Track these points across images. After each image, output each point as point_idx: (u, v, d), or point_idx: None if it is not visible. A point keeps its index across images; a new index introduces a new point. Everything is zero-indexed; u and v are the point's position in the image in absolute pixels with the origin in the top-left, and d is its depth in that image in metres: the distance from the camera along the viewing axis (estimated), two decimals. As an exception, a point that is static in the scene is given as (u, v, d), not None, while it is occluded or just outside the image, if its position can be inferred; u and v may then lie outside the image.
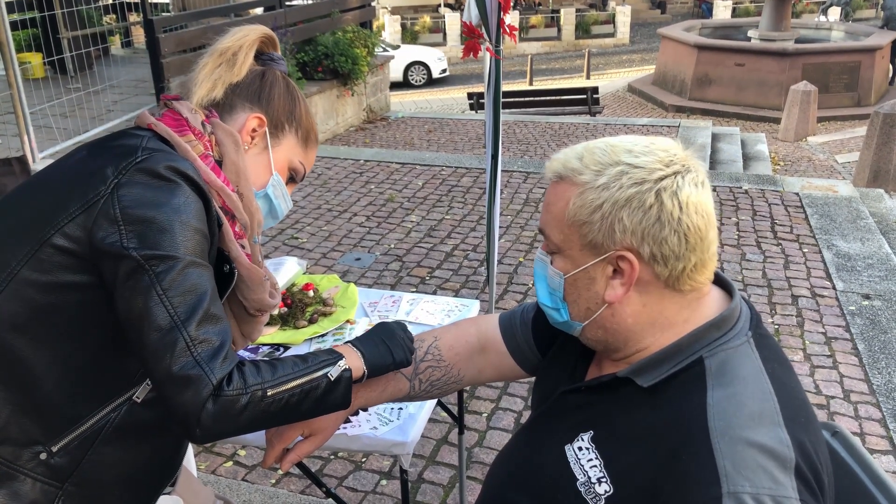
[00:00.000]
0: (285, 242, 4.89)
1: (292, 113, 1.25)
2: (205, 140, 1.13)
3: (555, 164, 1.05)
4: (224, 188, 1.11)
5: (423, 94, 17.15)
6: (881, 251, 4.58)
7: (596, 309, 1.03)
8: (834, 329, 3.71)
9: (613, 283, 1.01)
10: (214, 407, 0.95)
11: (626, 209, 0.97)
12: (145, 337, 0.96)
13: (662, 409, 0.98)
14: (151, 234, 0.98)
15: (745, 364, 0.98)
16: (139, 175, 1.01)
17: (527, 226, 5.11)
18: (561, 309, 1.06)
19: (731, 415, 0.92)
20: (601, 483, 0.98)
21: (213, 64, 1.20)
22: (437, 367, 1.31)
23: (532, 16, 23.06)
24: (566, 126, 9.43)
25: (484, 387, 3.26)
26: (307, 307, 1.99)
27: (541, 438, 1.13)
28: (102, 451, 1.08)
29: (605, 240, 0.99)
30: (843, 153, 9.39)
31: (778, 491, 0.86)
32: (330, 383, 1.08)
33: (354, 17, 9.96)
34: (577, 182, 1.01)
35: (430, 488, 2.67)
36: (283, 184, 1.26)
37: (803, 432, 0.93)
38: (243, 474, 2.75)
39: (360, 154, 7.00)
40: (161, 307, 0.96)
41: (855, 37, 13.22)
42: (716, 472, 0.87)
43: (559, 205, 1.02)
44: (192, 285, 0.98)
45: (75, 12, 7.43)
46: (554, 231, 1.04)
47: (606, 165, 1.00)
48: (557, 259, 1.04)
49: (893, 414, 3.02)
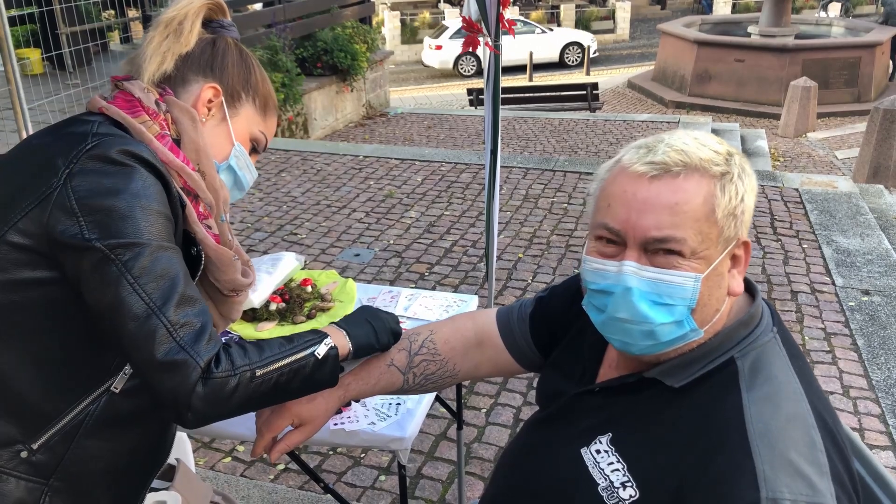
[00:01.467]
0: (284, 238, 4.88)
1: (248, 81, 1.20)
2: (160, 119, 1.10)
3: (674, 154, 0.94)
4: (184, 168, 1.08)
5: (422, 90, 17.13)
6: (881, 247, 4.58)
7: (721, 307, 0.98)
8: (833, 325, 3.71)
9: (734, 274, 0.99)
10: (205, 390, 0.94)
11: (752, 195, 0.98)
12: (121, 328, 0.94)
13: (695, 409, 0.96)
14: (113, 223, 0.94)
15: (776, 363, 0.97)
16: (92, 162, 0.97)
17: (526, 221, 5.10)
18: (684, 320, 0.95)
19: (769, 417, 0.90)
20: (625, 487, 0.95)
21: (160, 36, 1.14)
22: (432, 360, 1.30)
23: (532, 11, 23.02)
24: (566, 122, 9.42)
25: (483, 382, 3.26)
26: (305, 303, 1.98)
27: (553, 442, 1.10)
28: (85, 444, 1.06)
29: (737, 231, 0.96)
30: (843, 149, 9.38)
31: (816, 498, 0.84)
32: (317, 361, 1.07)
33: (353, 13, 9.94)
34: (713, 173, 0.94)
35: (428, 484, 2.67)
36: (247, 154, 1.22)
37: (834, 435, 0.92)
38: (242, 470, 2.75)
39: (360, 150, 6.99)
40: (134, 295, 0.94)
41: (855, 33, 13.20)
42: (754, 475, 0.86)
43: (695, 201, 0.92)
44: (163, 269, 0.96)
45: (74, 8, 7.41)
46: (690, 232, 0.92)
47: (726, 154, 0.97)
48: (685, 262, 0.93)
49: (892, 409, 3.02)
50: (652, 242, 0.93)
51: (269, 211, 5.38)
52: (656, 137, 1.00)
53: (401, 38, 21.55)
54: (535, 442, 1.16)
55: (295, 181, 6.04)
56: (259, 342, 1.05)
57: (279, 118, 7.80)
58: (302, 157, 6.67)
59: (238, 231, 4.98)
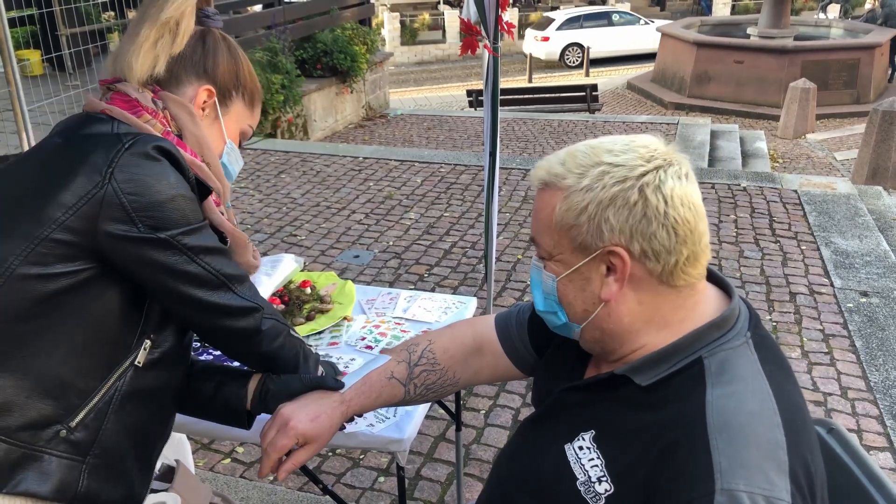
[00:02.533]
0: (284, 240, 4.89)
1: (237, 77, 1.24)
2: (160, 117, 1.13)
3: (539, 171, 1.06)
4: (195, 161, 1.13)
5: (422, 92, 17.14)
6: (879, 248, 4.58)
7: (593, 309, 1.04)
8: (832, 326, 3.72)
9: (608, 281, 1.02)
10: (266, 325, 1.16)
11: (612, 208, 0.98)
12: (193, 295, 1.09)
13: (661, 408, 0.98)
14: (164, 215, 1.03)
15: (744, 365, 0.98)
16: (133, 159, 1.03)
17: (525, 223, 5.11)
18: (558, 312, 1.07)
19: (731, 412, 0.92)
20: (601, 482, 0.98)
21: (156, 35, 1.12)
22: (432, 370, 1.31)
23: (531, 13, 23.02)
24: (565, 123, 9.43)
25: (482, 384, 3.27)
26: (304, 304, 1.99)
27: (541, 438, 1.13)
28: (116, 418, 1.11)
29: (594, 240, 1.00)
30: (842, 150, 9.39)
31: (772, 492, 0.86)
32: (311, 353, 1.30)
33: (353, 14, 9.95)
34: (561, 186, 1.02)
35: (427, 485, 2.67)
36: (236, 149, 1.28)
37: (800, 436, 0.93)
38: (241, 471, 2.75)
39: (359, 151, 7.00)
40: (203, 270, 1.08)
41: (854, 34, 13.21)
42: (710, 468, 0.87)
43: (546, 211, 1.03)
44: (212, 245, 1.10)
45: (73, 9, 7.42)
46: (544, 237, 1.05)
47: (588, 167, 1.01)
48: (550, 264, 1.06)
49: (890, 411, 3.03)
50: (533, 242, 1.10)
51: (268, 212, 5.38)
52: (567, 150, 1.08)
53: (400, 39, 21.56)
54: (526, 441, 1.19)
55: (294, 182, 6.05)
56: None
57: (279, 118, 7.82)
58: (301, 159, 6.68)
59: (238, 232, 4.99)
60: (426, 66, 21.13)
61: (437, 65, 21.14)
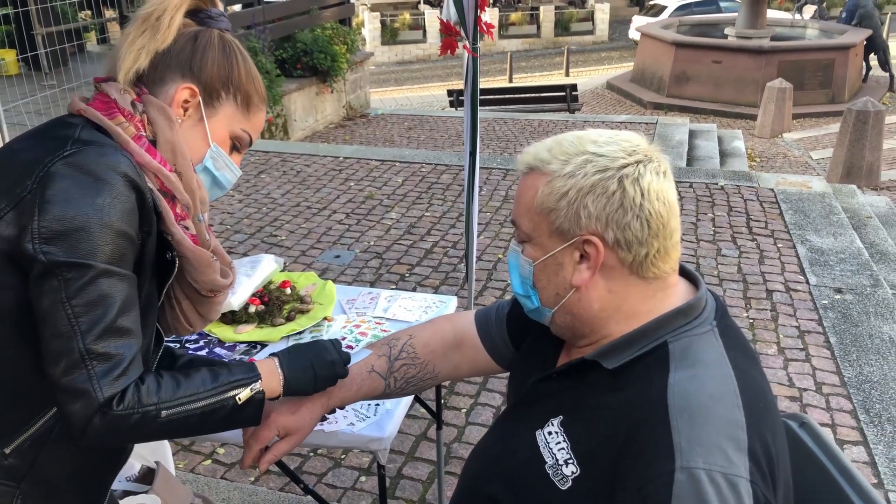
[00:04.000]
0: (264, 240, 4.87)
1: (228, 78, 1.15)
2: (136, 121, 1.08)
3: (526, 156, 1.10)
4: (161, 169, 1.06)
5: (403, 91, 17.13)
6: (853, 246, 4.66)
7: (564, 294, 1.07)
8: (807, 323, 3.78)
9: (580, 268, 1.05)
10: (102, 423, 0.95)
11: (591, 195, 1.02)
12: (45, 339, 0.96)
13: (625, 390, 1.01)
14: (67, 237, 0.94)
15: (709, 350, 1.02)
16: (66, 168, 0.97)
17: (506, 223, 5.13)
18: (532, 296, 1.10)
19: (691, 394, 0.95)
20: (568, 464, 1.01)
21: (137, 31, 1.10)
22: (412, 364, 1.33)
23: (512, 13, 23.08)
24: (545, 123, 9.47)
25: (463, 383, 3.28)
26: (284, 305, 1.99)
27: (514, 428, 1.15)
28: (55, 448, 1.07)
29: (571, 226, 1.03)
30: (818, 149, 9.51)
31: (731, 469, 0.88)
32: (236, 405, 1.07)
33: (333, 14, 9.93)
34: (545, 172, 1.05)
35: (409, 484, 2.68)
36: (225, 154, 1.17)
37: (761, 418, 0.96)
38: (222, 472, 2.75)
39: (340, 151, 6.99)
40: (63, 314, 0.94)
41: (829, 35, 13.38)
42: (671, 447, 0.90)
43: (529, 194, 1.07)
44: (99, 296, 0.96)
45: (49, 8, 7.34)
46: (524, 220, 1.08)
47: (573, 155, 1.04)
48: (528, 247, 1.08)
49: (863, 406, 3.08)
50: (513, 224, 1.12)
51: (248, 213, 5.36)
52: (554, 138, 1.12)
53: (381, 39, 21.53)
54: (499, 433, 1.21)
55: (275, 183, 6.03)
56: (183, 376, 1.05)
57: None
58: (282, 159, 6.66)
59: (217, 233, 4.96)
60: (407, 65, 21.12)
61: (418, 64, 21.14)
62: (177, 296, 1.17)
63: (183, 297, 1.17)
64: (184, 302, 1.18)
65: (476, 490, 1.15)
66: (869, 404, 3.09)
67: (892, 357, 3.41)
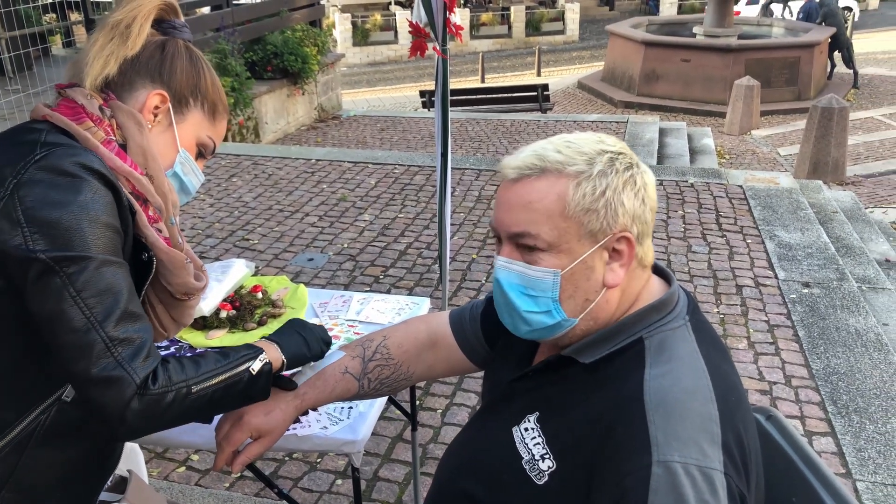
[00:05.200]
0: (236, 244, 4.83)
1: (197, 86, 1.19)
2: (105, 125, 1.09)
3: (529, 159, 1.04)
4: (132, 173, 1.07)
5: (375, 93, 17.10)
6: (820, 240, 4.74)
7: (594, 298, 1.04)
8: (776, 317, 3.84)
9: (612, 267, 1.04)
10: (140, 405, 0.96)
11: (626, 192, 1.03)
12: (60, 339, 0.95)
13: (603, 386, 1.02)
14: (59, 235, 0.94)
15: (682, 345, 1.04)
16: (40, 173, 0.97)
17: (479, 223, 5.14)
18: (552, 310, 1.04)
19: (667, 389, 0.97)
20: (544, 459, 1.02)
21: (105, 38, 1.11)
22: (386, 365, 1.34)
23: (483, 13, 23.14)
24: (518, 123, 9.51)
25: (438, 383, 3.29)
26: (256, 309, 1.98)
27: (490, 425, 1.16)
28: (36, 454, 1.06)
29: (605, 225, 1.02)
30: (786, 146, 9.67)
31: (705, 462, 0.91)
32: (252, 377, 1.11)
33: (303, 16, 9.88)
34: (567, 173, 1.01)
35: (385, 486, 2.68)
36: (192, 159, 1.21)
37: (733, 411, 0.98)
38: (197, 479, 2.72)
39: (312, 153, 6.96)
40: (76, 309, 0.95)
41: (794, 33, 13.60)
42: (647, 442, 0.92)
43: (548, 199, 1.01)
44: (107, 285, 0.97)
45: (13, 12, 7.21)
46: (543, 228, 1.01)
47: (595, 154, 1.03)
48: (546, 257, 1.02)
49: (831, 397, 3.14)
50: (514, 237, 1.04)
51: (219, 217, 5.32)
52: (530, 145, 1.09)
53: (352, 40, 21.47)
54: (475, 431, 1.22)
55: (246, 186, 5.99)
56: (197, 356, 1.08)
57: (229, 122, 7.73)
58: (253, 162, 6.61)
59: (189, 238, 4.92)
60: (379, 66, 21.09)
61: (390, 65, 21.11)
62: (150, 300, 1.17)
63: (157, 302, 1.17)
64: (157, 307, 1.18)
65: (451, 487, 1.16)
66: (836, 396, 3.15)
67: (858, 349, 3.48)
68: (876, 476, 2.68)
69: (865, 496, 2.58)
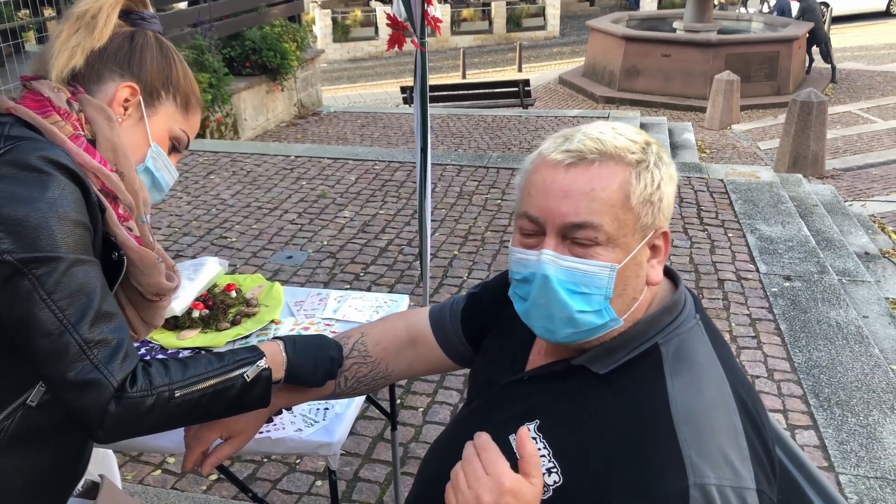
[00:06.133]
0: (214, 242, 4.76)
1: (168, 77, 1.15)
2: (73, 119, 1.04)
3: (587, 143, 0.96)
4: (101, 169, 1.03)
5: (356, 89, 17.00)
6: (800, 234, 4.75)
7: (639, 296, 1.00)
8: (758, 311, 3.84)
9: (653, 263, 1.00)
10: (118, 409, 0.93)
11: (671, 184, 0.99)
12: (34, 343, 0.91)
13: (621, 395, 0.97)
14: (27, 234, 0.91)
15: (699, 348, 1.00)
16: (4, 168, 0.93)
17: (461, 219, 5.11)
18: (603, 309, 0.96)
19: (693, 403, 0.93)
20: (550, 473, 0.97)
21: (70, 30, 1.08)
22: (364, 363, 1.29)
23: (463, 9, 23.08)
24: (499, 119, 9.48)
25: (420, 381, 3.25)
26: (230, 308, 1.93)
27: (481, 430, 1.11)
28: (1, 460, 1.01)
29: (655, 219, 0.97)
30: (766, 140, 9.72)
31: (738, 482, 0.88)
32: (245, 384, 1.05)
33: (282, 11, 9.78)
34: (630, 161, 0.96)
35: (366, 486, 2.64)
36: (165, 154, 1.17)
37: (753, 416, 0.96)
38: (172, 482, 2.67)
39: (291, 150, 6.88)
40: (47, 312, 0.91)
41: (773, 28, 13.67)
42: (681, 461, 0.88)
43: (611, 188, 0.94)
44: (79, 285, 0.93)
45: (-16, 7, 7.07)
46: (606, 218, 0.93)
47: (644, 143, 0.99)
48: (603, 251, 0.94)
49: (813, 390, 3.14)
50: (570, 229, 0.95)
51: (197, 215, 5.24)
52: (576, 128, 1.01)
53: (332, 36, 21.32)
54: (464, 432, 1.16)
55: (224, 183, 5.91)
56: (188, 358, 1.03)
57: (207, 118, 7.63)
58: (231, 159, 6.53)
59: (166, 236, 4.84)
60: (359, 62, 20.96)
61: (371, 61, 20.99)
62: (120, 301, 1.12)
63: (127, 303, 1.13)
64: (128, 308, 1.13)
65: (438, 495, 1.12)
66: (818, 389, 3.15)
67: (840, 342, 3.49)
68: (858, 469, 2.67)
69: (848, 489, 2.58)
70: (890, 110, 10.84)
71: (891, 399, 3.05)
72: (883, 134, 9.55)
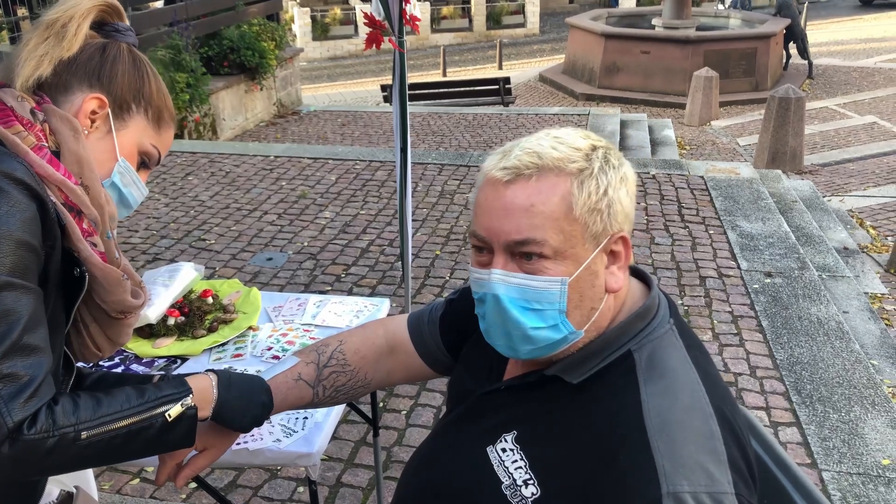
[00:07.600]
0: (192, 244, 4.70)
1: (140, 91, 1.11)
2: (36, 130, 1.00)
3: (523, 157, 0.94)
4: (65, 182, 0.99)
5: (336, 87, 16.92)
6: (780, 230, 4.78)
7: (599, 305, 0.98)
8: (740, 307, 3.84)
9: (613, 270, 0.98)
10: (11, 451, 0.86)
11: (622, 189, 0.97)
12: None
13: (595, 405, 0.96)
14: None
15: (672, 354, 0.98)
16: None
17: (442, 218, 5.08)
18: (559, 323, 0.95)
19: (667, 410, 0.91)
20: (528, 485, 0.95)
21: (39, 38, 1.04)
22: (342, 372, 1.27)
23: (443, 7, 23.04)
24: (480, 117, 9.47)
25: (396, 385, 3.22)
26: (206, 315, 1.89)
27: (460, 441, 1.09)
28: None
29: (606, 226, 0.95)
30: (745, 136, 9.79)
31: (714, 487, 0.87)
32: (166, 423, 0.99)
33: (260, 10, 9.70)
34: (569, 171, 0.94)
35: (349, 492, 2.61)
36: (133, 170, 1.12)
37: (730, 420, 0.94)
38: (151, 491, 2.62)
39: (271, 150, 6.82)
40: None
41: (751, 24, 13.77)
42: (655, 471, 0.87)
43: (552, 201, 0.92)
44: (3, 311, 0.87)
45: (-46, 7, 6.94)
46: (550, 233, 0.92)
47: (588, 150, 0.97)
48: (551, 265, 0.93)
49: (795, 387, 3.15)
50: (514, 246, 0.94)
51: (175, 217, 5.17)
52: (515, 142, 1.00)
53: (312, 34, 21.20)
54: (442, 443, 1.15)
55: (202, 184, 5.84)
56: (101, 396, 0.96)
57: (185, 118, 7.54)
58: (209, 159, 6.45)
59: (143, 239, 4.77)
60: (339, 61, 20.86)
61: (351, 60, 20.90)
62: (84, 319, 1.08)
63: (91, 321, 1.08)
64: (91, 326, 1.09)
65: None
66: (800, 385, 3.16)
67: (821, 338, 3.50)
68: (841, 465, 2.68)
69: (831, 486, 2.59)
70: (865, 105, 10.96)
71: (871, 395, 3.06)
72: (859, 129, 9.65)
